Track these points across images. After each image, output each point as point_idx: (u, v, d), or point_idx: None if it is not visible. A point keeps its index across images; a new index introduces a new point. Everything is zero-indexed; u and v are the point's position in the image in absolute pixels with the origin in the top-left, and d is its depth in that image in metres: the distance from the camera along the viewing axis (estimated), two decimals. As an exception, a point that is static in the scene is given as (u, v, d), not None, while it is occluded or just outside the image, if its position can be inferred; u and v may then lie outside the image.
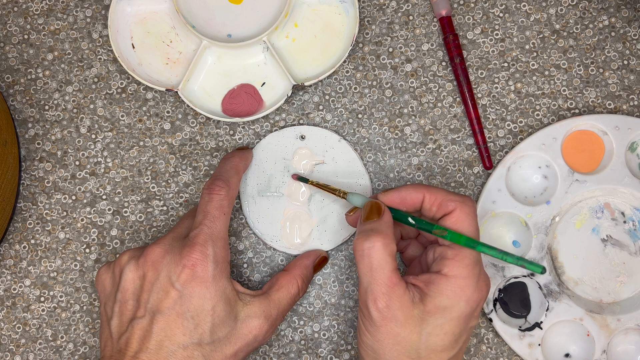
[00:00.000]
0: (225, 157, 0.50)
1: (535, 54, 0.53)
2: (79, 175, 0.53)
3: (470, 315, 0.43)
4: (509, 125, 0.53)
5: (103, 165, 0.53)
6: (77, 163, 0.53)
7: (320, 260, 0.51)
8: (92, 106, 0.54)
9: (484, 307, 0.51)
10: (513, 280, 0.51)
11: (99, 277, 0.47)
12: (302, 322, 0.53)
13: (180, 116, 0.54)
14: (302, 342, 0.53)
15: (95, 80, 0.54)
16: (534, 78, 0.53)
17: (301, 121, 0.53)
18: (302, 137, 0.52)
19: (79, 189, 0.53)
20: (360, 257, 0.43)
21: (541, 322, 0.51)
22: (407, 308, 0.42)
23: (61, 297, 0.53)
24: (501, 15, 0.54)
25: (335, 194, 0.49)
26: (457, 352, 0.44)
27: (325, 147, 0.52)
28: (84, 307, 0.53)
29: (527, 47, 0.53)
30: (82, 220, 0.53)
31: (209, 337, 0.44)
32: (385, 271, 0.42)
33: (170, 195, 0.53)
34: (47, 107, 0.54)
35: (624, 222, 0.52)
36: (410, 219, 0.45)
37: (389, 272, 0.42)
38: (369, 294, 0.42)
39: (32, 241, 0.53)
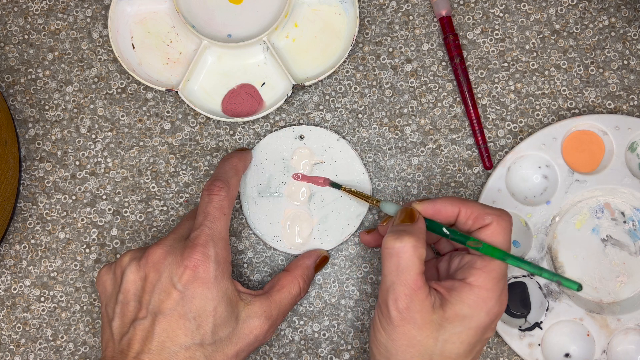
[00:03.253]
0: (224, 158, 0.50)
1: (535, 54, 0.53)
2: (79, 175, 0.53)
3: (487, 327, 0.43)
4: (509, 125, 0.53)
5: (103, 165, 0.53)
6: (77, 163, 0.53)
7: (321, 260, 0.52)
8: (92, 106, 0.54)
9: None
10: (513, 280, 0.51)
11: (99, 278, 0.47)
12: (302, 322, 0.53)
13: (180, 116, 0.54)
14: (302, 342, 0.53)
15: (96, 80, 0.54)
16: (534, 78, 0.53)
17: (301, 121, 0.53)
18: (301, 137, 0.52)
19: (79, 189, 0.53)
20: (389, 255, 0.43)
21: (541, 322, 0.51)
22: (426, 312, 0.42)
23: (61, 297, 0.53)
24: (501, 15, 0.54)
25: (368, 202, 0.49)
26: None
27: (324, 146, 0.52)
28: (84, 307, 0.53)
29: (527, 47, 0.53)
30: (82, 220, 0.53)
31: (211, 337, 0.44)
32: (412, 273, 0.42)
33: (170, 195, 0.53)
34: (47, 107, 0.54)
35: (624, 222, 0.52)
36: (444, 230, 0.45)
37: (415, 274, 0.42)
38: (391, 292, 0.42)
39: (32, 241, 0.53)
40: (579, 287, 0.42)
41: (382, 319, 0.43)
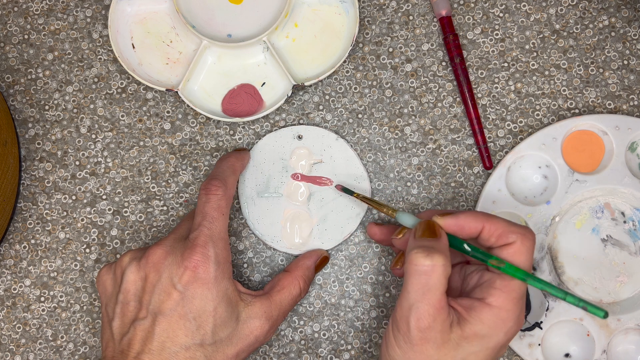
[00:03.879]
0: (221, 157, 0.50)
1: (535, 54, 0.53)
2: (79, 175, 0.53)
3: (504, 345, 0.43)
4: (509, 125, 0.53)
5: (103, 165, 0.53)
6: (77, 163, 0.53)
7: (322, 260, 0.52)
8: (92, 106, 0.54)
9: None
10: (513, 280, 0.51)
11: (99, 277, 0.47)
12: (302, 322, 0.53)
13: (180, 116, 0.54)
14: (302, 342, 0.53)
15: (96, 80, 0.54)
16: (534, 78, 0.53)
17: (301, 121, 0.53)
18: (300, 137, 0.52)
19: (79, 189, 0.53)
20: (415, 272, 0.41)
21: (541, 322, 0.51)
22: (446, 332, 0.41)
23: (61, 297, 0.53)
24: (501, 15, 0.54)
25: (383, 211, 0.48)
26: None
27: (322, 146, 0.52)
28: (84, 307, 0.53)
29: (527, 47, 0.53)
30: (82, 220, 0.53)
31: (211, 337, 0.44)
32: (438, 293, 0.41)
33: (170, 195, 0.53)
34: (47, 107, 0.54)
35: (624, 222, 0.52)
36: (465, 246, 0.43)
37: (441, 294, 0.41)
38: (414, 311, 0.41)
39: (32, 241, 0.53)
40: (605, 315, 0.40)
41: (399, 337, 0.42)
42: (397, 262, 0.48)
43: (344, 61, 0.53)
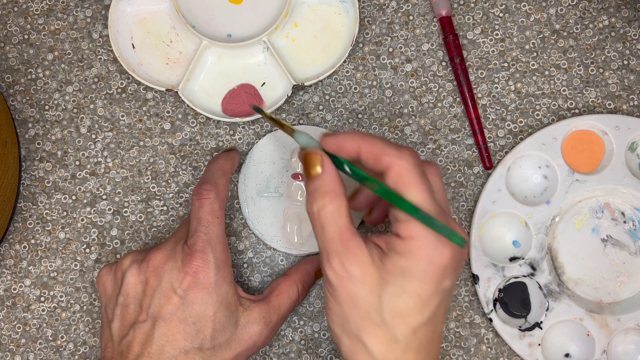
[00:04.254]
0: (210, 160, 0.50)
1: (535, 54, 0.53)
2: (79, 175, 0.53)
3: (438, 276, 0.39)
4: (509, 125, 0.53)
5: (103, 165, 0.53)
6: (77, 163, 0.53)
7: None
8: (92, 106, 0.54)
9: (483, 307, 0.51)
10: (513, 280, 0.51)
11: (100, 278, 0.47)
12: (302, 322, 0.53)
13: (180, 116, 0.54)
14: (302, 342, 0.53)
15: (96, 80, 0.54)
16: (534, 78, 0.53)
17: (301, 121, 0.53)
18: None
19: (79, 189, 0.53)
20: (312, 220, 0.41)
21: (541, 322, 0.51)
22: (364, 265, 0.39)
23: (61, 297, 0.53)
24: (501, 15, 0.54)
25: (283, 130, 0.45)
26: (428, 319, 0.40)
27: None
28: (84, 307, 0.53)
29: (527, 47, 0.53)
30: (82, 220, 0.53)
31: (210, 342, 0.44)
32: (336, 228, 0.39)
33: (170, 195, 0.53)
34: (47, 107, 0.54)
35: (624, 222, 0.52)
36: (346, 167, 0.41)
37: (339, 228, 0.39)
38: (324, 255, 0.40)
39: (32, 241, 0.53)
40: (463, 242, 0.37)
41: (326, 285, 0.41)
42: (352, 197, 0.47)
43: (344, 61, 0.53)
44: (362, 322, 0.40)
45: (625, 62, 0.53)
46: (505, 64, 0.53)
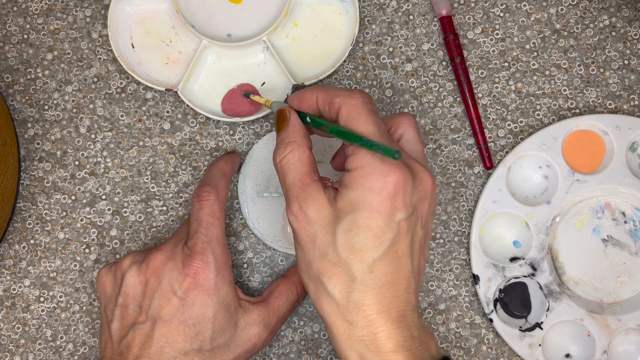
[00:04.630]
0: (211, 163, 0.50)
1: (535, 53, 0.53)
2: (79, 175, 0.53)
3: (386, 206, 0.38)
4: (509, 125, 0.53)
5: (102, 165, 0.53)
6: (76, 163, 0.53)
7: None
8: (91, 106, 0.54)
9: (484, 308, 0.51)
10: (513, 280, 0.51)
11: (99, 278, 0.47)
12: (302, 323, 0.53)
13: (180, 116, 0.54)
14: (302, 342, 0.52)
15: (95, 80, 0.54)
16: (535, 78, 0.53)
17: (301, 121, 0.53)
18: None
19: (79, 189, 0.53)
20: (276, 170, 0.42)
21: (542, 322, 0.51)
22: (321, 206, 0.40)
23: (61, 297, 0.53)
24: (501, 14, 0.53)
25: (264, 104, 0.49)
26: (384, 254, 0.39)
27: (323, 146, 0.52)
28: (84, 308, 0.53)
29: (527, 46, 0.53)
30: (82, 220, 0.53)
31: (209, 344, 0.44)
32: (296, 174, 0.41)
33: (170, 195, 0.53)
34: (46, 107, 0.54)
35: (625, 222, 0.52)
36: (307, 119, 0.43)
37: (299, 174, 0.41)
38: (286, 202, 0.41)
39: (32, 241, 0.53)
40: (396, 154, 0.37)
41: (292, 233, 0.42)
42: (333, 158, 0.48)
43: (344, 61, 0.53)
44: (321, 263, 0.39)
45: (626, 61, 0.53)
46: (506, 64, 0.53)
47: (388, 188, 0.38)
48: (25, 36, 0.54)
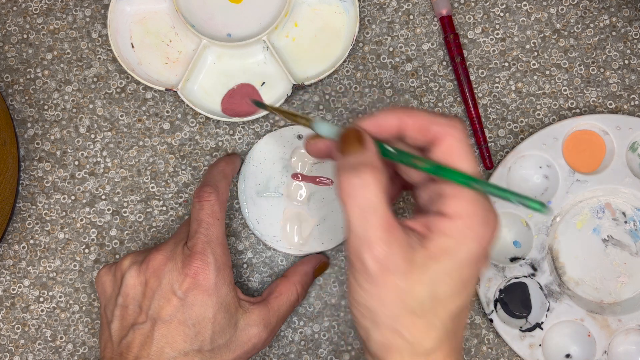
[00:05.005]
0: (212, 163, 0.50)
1: (536, 53, 0.53)
2: (78, 175, 0.53)
3: (481, 256, 0.36)
4: (509, 125, 0.53)
5: (102, 165, 0.53)
6: (76, 163, 0.53)
7: (321, 266, 0.51)
8: (91, 106, 0.54)
9: (484, 308, 0.51)
10: (514, 280, 0.51)
11: (99, 278, 0.47)
12: (302, 323, 0.52)
13: (179, 116, 0.54)
14: (302, 342, 0.52)
15: (95, 79, 0.54)
16: (535, 78, 0.53)
17: (301, 121, 0.53)
18: (300, 137, 0.52)
19: (78, 189, 0.53)
20: (347, 197, 0.35)
21: (542, 322, 0.51)
22: (408, 254, 0.35)
23: (60, 297, 0.53)
24: (502, 14, 0.53)
25: (297, 121, 0.41)
26: (464, 299, 0.37)
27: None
28: (84, 308, 0.53)
29: (527, 46, 0.53)
30: (82, 220, 0.53)
31: (209, 344, 0.44)
32: (380, 212, 0.35)
33: (170, 195, 0.53)
34: (46, 107, 0.54)
35: (625, 222, 0.52)
36: (390, 148, 0.37)
37: (384, 213, 0.35)
38: (364, 241, 0.35)
39: (31, 241, 0.53)
40: (544, 207, 0.35)
41: (358, 277, 0.36)
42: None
43: (344, 61, 0.53)
44: (400, 313, 0.36)
45: (626, 61, 0.53)
46: (506, 64, 0.53)
47: (488, 238, 0.36)
48: (25, 36, 0.54)
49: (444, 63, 0.53)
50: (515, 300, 0.51)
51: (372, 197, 0.35)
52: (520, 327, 0.51)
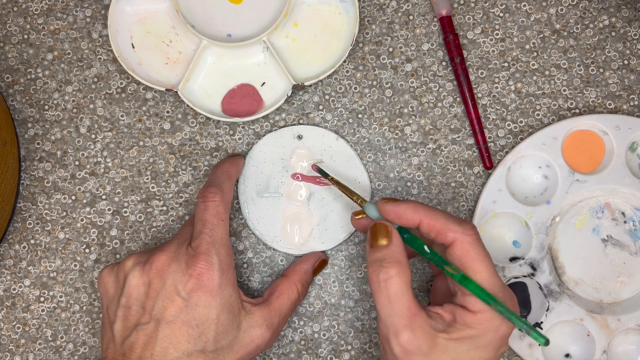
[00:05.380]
0: (216, 164, 0.50)
1: (535, 53, 0.53)
2: (79, 175, 0.53)
3: (500, 343, 0.42)
4: (509, 125, 0.53)
5: (103, 165, 0.53)
6: (76, 163, 0.53)
7: (320, 264, 0.51)
8: (91, 106, 0.54)
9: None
10: (513, 280, 0.51)
11: (101, 279, 0.47)
12: (302, 323, 0.53)
13: (180, 116, 0.54)
14: (302, 342, 0.52)
15: (95, 80, 0.54)
16: (534, 78, 0.53)
17: (301, 121, 0.53)
18: (300, 137, 0.52)
19: (79, 189, 0.53)
20: (377, 289, 0.41)
21: (541, 322, 0.51)
22: (430, 337, 0.41)
23: (61, 297, 0.53)
24: (501, 15, 0.54)
25: (352, 199, 0.47)
26: None
27: (323, 146, 0.52)
28: (84, 307, 0.53)
29: (527, 46, 0.53)
30: (82, 220, 0.53)
31: (213, 345, 0.44)
32: (404, 301, 0.41)
33: (170, 195, 0.53)
34: (46, 107, 0.54)
35: (625, 222, 0.52)
36: (426, 249, 0.43)
37: (407, 301, 0.41)
38: (390, 328, 0.41)
39: (32, 241, 0.53)
40: (546, 342, 0.40)
41: (387, 357, 0.42)
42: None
43: (344, 61, 0.53)
44: None
45: (626, 61, 0.53)
46: (506, 64, 0.53)
47: (508, 331, 0.42)
48: (26, 36, 0.54)
49: (444, 63, 0.53)
50: (514, 300, 0.51)
51: (396, 289, 0.41)
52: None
